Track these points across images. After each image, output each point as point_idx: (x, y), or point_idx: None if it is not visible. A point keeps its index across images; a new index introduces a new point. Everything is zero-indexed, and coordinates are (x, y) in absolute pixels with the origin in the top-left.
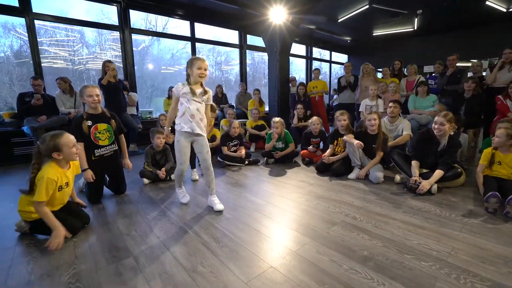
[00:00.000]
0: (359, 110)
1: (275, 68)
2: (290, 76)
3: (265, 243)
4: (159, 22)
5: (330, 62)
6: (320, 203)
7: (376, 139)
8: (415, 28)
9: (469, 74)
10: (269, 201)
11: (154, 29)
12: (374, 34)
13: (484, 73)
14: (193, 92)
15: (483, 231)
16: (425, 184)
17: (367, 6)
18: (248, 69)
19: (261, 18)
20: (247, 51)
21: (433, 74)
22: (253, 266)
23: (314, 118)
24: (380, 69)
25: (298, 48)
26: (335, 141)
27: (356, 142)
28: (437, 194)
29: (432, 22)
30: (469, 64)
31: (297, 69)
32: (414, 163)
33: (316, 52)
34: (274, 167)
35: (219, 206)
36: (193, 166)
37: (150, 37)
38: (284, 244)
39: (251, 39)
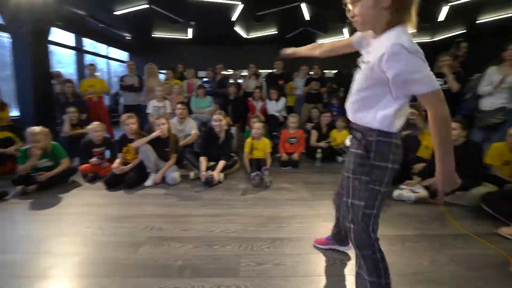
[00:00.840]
0: (147, 112)
1: (27, 57)
2: (55, 70)
3: None
4: None
5: (108, 58)
6: (118, 226)
7: (168, 142)
8: (190, 36)
9: (231, 80)
10: (36, 252)
11: None
12: (154, 36)
13: (240, 80)
14: None
15: (256, 202)
16: (215, 175)
17: (147, 6)
18: None
19: None
20: None
21: (206, 79)
22: None
23: (95, 123)
24: (164, 71)
25: (63, 36)
26: (125, 148)
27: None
28: (224, 181)
29: (204, 34)
30: (231, 72)
31: (64, 62)
32: (202, 158)
33: (90, 45)
34: (39, 196)
35: None
36: None
37: None
38: None
39: None
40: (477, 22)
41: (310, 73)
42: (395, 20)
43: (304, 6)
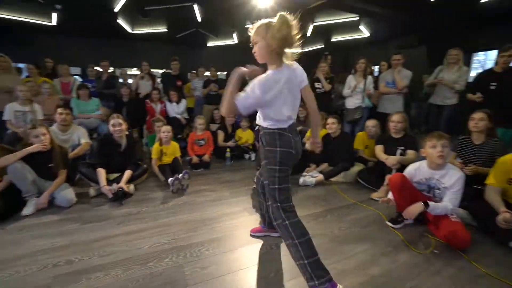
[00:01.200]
0: (5, 119)
1: None
2: None
3: None
4: None
5: None
6: (3, 275)
7: (52, 156)
8: (55, 23)
9: (121, 80)
10: None
11: None
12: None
13: (130, 80)
14: None
15: (179, 208)
16: (124, 187)
17: None
18: None
19: None
20: None
21: (90, 78)
22: None
23: None
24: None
25: None
26: None
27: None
28: (135, 193)
29: (77, 23)
30: (120, 71)
31: None
32: (100, 170)
33: None
34: None
35: None
36: None
37: None
38: None
39: None
40: (332, 40)
41: (206, 74)
42: (280, 59)
43: (196, 7)
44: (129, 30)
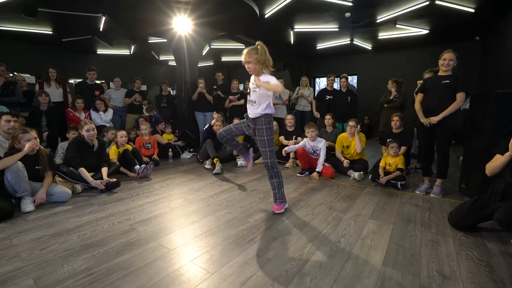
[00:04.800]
0: None
1: None
2: None
3: None
4: None
5: None
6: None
7: (39, 159)
8: None
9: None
10: None
11: None
12: None
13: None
14: None
15: (159, 186)
16: (110, 180)
17: None
18: None
19: None
20: None
21: None
22: None
23: None
24: None
25: None
26: None
27: None
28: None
29: None
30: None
31: None
32: (83, 169)
33: None
34: None
35: None
36: None
37: None
38: None
39: None
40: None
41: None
42: (263, 69)
43: (104, 18)
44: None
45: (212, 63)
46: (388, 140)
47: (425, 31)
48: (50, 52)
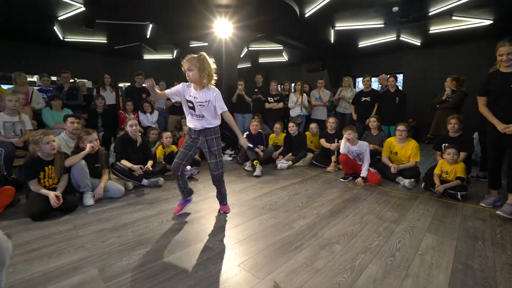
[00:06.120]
0: None
1: None
2: None
3: None
4: None
5: None
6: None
7: (98, 157)
8: None
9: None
10: None
11: None
12: None
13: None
14: None
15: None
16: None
17: None
18: None
19: None
20: None
21: (44, 88)
22: None
23: None
24: None
25: None
26: (42, 172)
27: None
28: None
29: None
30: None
31: None
32: (125, 161)
33: None
34: None
35: None
36: None
37: None
38: None
39: None
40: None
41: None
42: (206, 80)
43: (151, 26)
44: (60, 37)
45: (250, 65)
46: (444, 145)
47: (488, 22)
48: (104, 59)
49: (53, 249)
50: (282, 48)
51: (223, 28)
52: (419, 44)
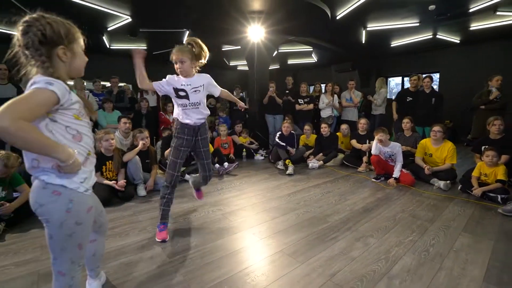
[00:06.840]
0: None
1: None
2: None
3: None
4: None
5: None
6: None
7: (149, 154)
8: None
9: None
10: None
11: None
12: None
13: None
14: None
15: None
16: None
17: None
18: None
19: None
20: None
21: (96, 92)
22: None
23: None
24: None
25: None
26: (104, 166)
27: None
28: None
29: None
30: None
31: None
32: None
33: None
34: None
35: None
36: None
37: None
38: None
39: None
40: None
41: None
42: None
43: (187, 32)
44: (107, 45)
45: (278, 66)
46: (483, 147)
47: None
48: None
49: (120, 230)
50: (311, 49)
51: (256, 33)
52: (458, 41)
